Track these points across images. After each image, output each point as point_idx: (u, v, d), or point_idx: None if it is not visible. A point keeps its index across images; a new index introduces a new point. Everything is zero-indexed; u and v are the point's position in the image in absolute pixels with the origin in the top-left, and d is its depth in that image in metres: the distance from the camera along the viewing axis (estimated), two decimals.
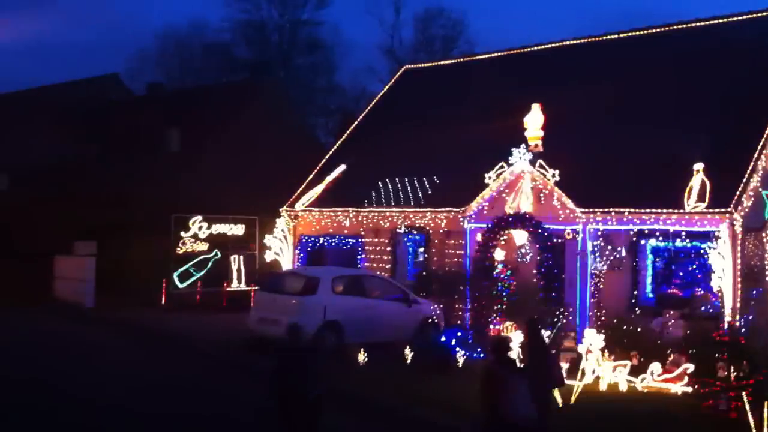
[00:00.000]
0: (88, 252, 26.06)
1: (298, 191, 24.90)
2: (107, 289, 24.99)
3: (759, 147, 16.55)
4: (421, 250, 21.64)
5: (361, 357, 15.38)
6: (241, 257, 25.73)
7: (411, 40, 52.92)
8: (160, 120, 33.61)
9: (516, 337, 14.62)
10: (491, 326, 18.33)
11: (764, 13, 20.34)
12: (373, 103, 28.39)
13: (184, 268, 24.89)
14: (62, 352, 18.03)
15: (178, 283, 24.84)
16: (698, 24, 21.60)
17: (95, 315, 23.61)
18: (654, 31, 22.49)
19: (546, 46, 24.83)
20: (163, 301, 24.46)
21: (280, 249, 24.04)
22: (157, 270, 25.02)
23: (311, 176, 25.30)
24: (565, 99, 20.30)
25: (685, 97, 19.09)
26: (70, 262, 26.61)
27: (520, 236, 18.65)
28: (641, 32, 22.74)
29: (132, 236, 27.27)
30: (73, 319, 23.34)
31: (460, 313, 19.53)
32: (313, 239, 23.85)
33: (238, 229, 26.05)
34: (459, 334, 16.38)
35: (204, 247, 25.32)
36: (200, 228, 25.28)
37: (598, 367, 13.96)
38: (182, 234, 24.98)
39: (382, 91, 28.76)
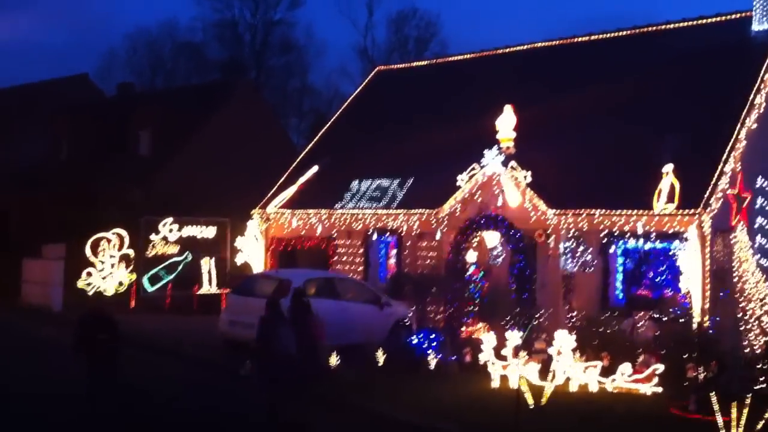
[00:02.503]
0: (57, 255, 25.70)
1: (270, 193, 24.76)
2: (76, 292, 24.64)
3: (727, 149, 16.73)
4: (394, 252, 21.60)
5: (333, 359, 15.30)
6: (212, 260, 25.50)
7: (384, 41, 53.06)
8: (131, 121, 33.27)
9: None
10: (464, 328, 18.35)
11: (733, 17, 20.57)
12: (346, 104, 28.33)
13: (153, 271, 24.64)
14: (26, 354, 17.77)
15: (147, 286, 24.58)
16: (669, 27, 21.80)
17: (63, 319, 23.27)
18: (625, 33, 22.65)
19: (519, 48, 24.92)
20: (132, 305, 24.18)
21: (252, 251, 23.87)
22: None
23: (283, 178, 25.17)
24: (537, 101, 20.38)
25: (656, 99, 19.24)
26: (39, 265, 26.23)
27: (492, 238, 18.69)
28: (613, 35, 22.90)
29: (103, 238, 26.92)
30: (40, 322, 23.01)
31: (432, 315, 19.53)
32: (285, 241, 23.71)
33: (209, 232, 25.81)
34: (431, 336, 16.34)
35: (174, 249, 25.07)
36: (170, 230, 25.02)
37: (568, 368, 14.00)
38: (152, 237, 24.72)
39: (355, 92, 28.71)
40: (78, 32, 79.50)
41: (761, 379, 13.05)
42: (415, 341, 16.29)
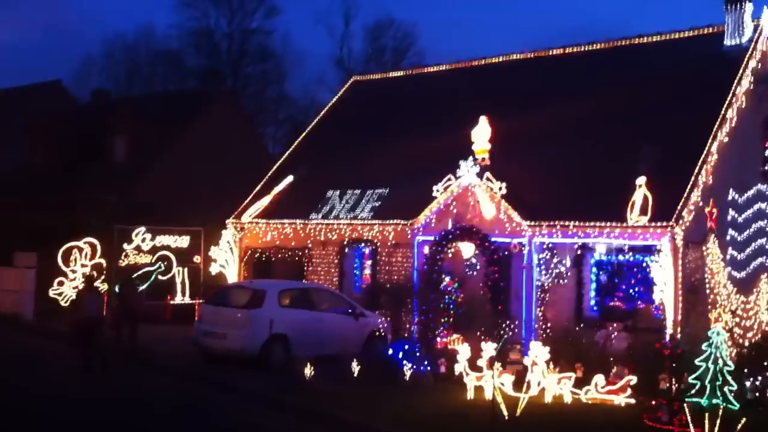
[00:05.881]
0: (29, 264, 25.40)
1: (245, 202, 24.65)
2: (48, 300, 24.36)
3: (700, 162, 16.92)
4: (369, 262, 21.57)
5: (308, 370, 15.23)
6: (186, 270, 25.29)
7: (361, 51, 53.09)
8: (107, 128, 32.98)
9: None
10: (438, 339, 18.36)
11: (706, 31, 20.83)
12: (322, 114, 28.31)
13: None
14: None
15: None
16: (642, 41, 22.02)
17: (34, 327, 23.03)
18: (600, 47, 22.86)
19: (494, 60, 25.06)
20: (104, 314, 23.85)
21: (226, 261, 23.73)
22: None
23: (258, 187, 25.07)
24: (512, 112, 20.50)
25: (629, 112, 19.42)
26: (10, 273, 25.89)
27: (467, 249, 18.75)
28: (587, 48, 23.10)
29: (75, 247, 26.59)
30: (10, 330, 22.74)
31: (407, 326, 19.52)
32: (259, 251, 23.60)
33: (183, 241, 25.57)
34: (406, 347, 16.31)
35: (147, 259, 24.84)
36: (143, 240, 24.78)
37: (543, 380, 14.03)
38: (125, 246, 24.48)
39: (331, 102, 28.70)
40: (55, 37, 78.72)
41: (733, 389, 13.15)
42: (390, 352, 16.26)
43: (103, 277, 24.32)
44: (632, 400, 13.84)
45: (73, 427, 12.17)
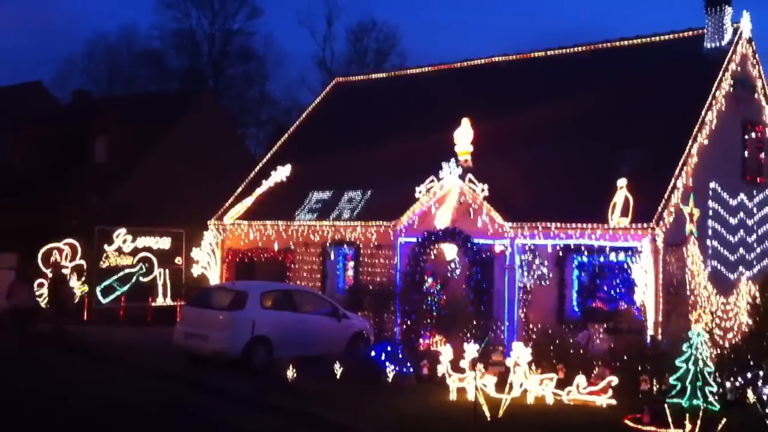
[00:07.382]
0: (8, 265, 25.18)
1: (227, 204, 24.54)
2: None
3: (680, 164, 17.06)
4: (352, 264, 21.55)
5: (290, 372, 15.19)
6: (167, 271, 25.17)
7: (343, 53, 53.04)
8: (89, 129, 32.77)
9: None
10: (421, 340, 18.37)
11: (686, 34, 20.98)
12: (304, 115, 28.24)
13: (107, 282, 24.23)
14: None
15: (101, 297, 24.16)
16: (624, 44, 22.14)
17: (12, 329, 22.78)
18: (582, 49, 22.97)
19: (476, 62, 25.11)
20: (85, 316, 23.73)
21: (208, 263, 23.63)
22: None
23: (241, 188, 24.98)
24: (495, 115, 20.56)
25: (611, 114, 19.53)
26: None
27: (449, 250, 18.77)
28: (570, 50, 23.20)
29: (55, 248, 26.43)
30: None
31: (390, 327, 19.52)
32: (241, 253, 23.51)
33: (164, 243, 25.47)
34: (389, 348, 16.31)
35: (128, 260, 24.71)
36: (125, 241, 24.65)
37: (525, 381, 14.06)
38: (106, 247, 24.33)
39: (314, 104, 28.65)
40: (37, 38, 78.13)
41: (714, 390, 13.26)
42: (373, 353, 16.25)
43: (84, 278, 24.27)
44: (613, 401, 13.89)
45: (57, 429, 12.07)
